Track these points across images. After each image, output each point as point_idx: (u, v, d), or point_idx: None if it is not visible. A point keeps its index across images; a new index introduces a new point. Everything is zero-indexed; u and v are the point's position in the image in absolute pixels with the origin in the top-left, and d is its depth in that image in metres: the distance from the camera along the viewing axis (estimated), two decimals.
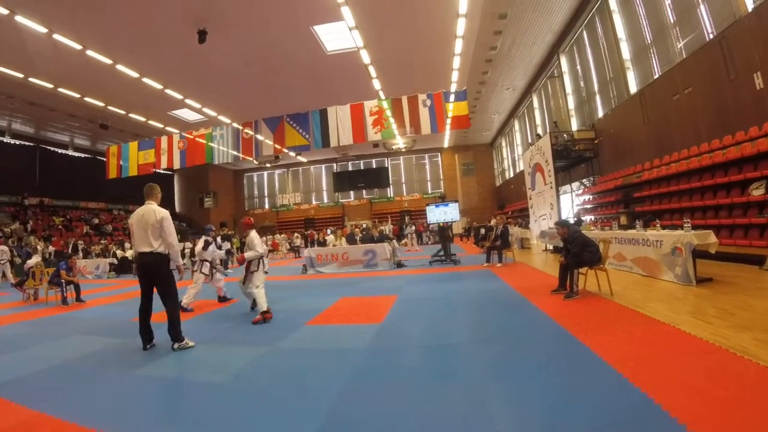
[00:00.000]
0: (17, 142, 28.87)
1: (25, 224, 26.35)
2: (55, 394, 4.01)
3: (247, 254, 6.90)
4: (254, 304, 7.11)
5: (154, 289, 5.36)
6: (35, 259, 12.31)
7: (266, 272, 7.28)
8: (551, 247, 14.49)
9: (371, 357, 4.49)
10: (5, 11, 12.63)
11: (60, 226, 28.85)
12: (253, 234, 7.13)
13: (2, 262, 16.19)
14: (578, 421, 2.63)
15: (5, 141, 28.00)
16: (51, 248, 22.93)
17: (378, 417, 3.01)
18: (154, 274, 5.28)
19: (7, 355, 5.60)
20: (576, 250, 6.61)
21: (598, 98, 18.11)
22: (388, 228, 22.68)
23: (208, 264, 8.74)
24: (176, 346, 5.23)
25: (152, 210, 5.31)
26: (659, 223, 8.36)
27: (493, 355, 4.19)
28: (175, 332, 5.27)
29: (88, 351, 5.56)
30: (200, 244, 8.90)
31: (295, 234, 29.39)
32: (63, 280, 10.35)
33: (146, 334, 5.38)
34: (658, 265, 7.58)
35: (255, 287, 6.78)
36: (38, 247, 21.07)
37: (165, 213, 5.36)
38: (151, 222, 5.24)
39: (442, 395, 3.29)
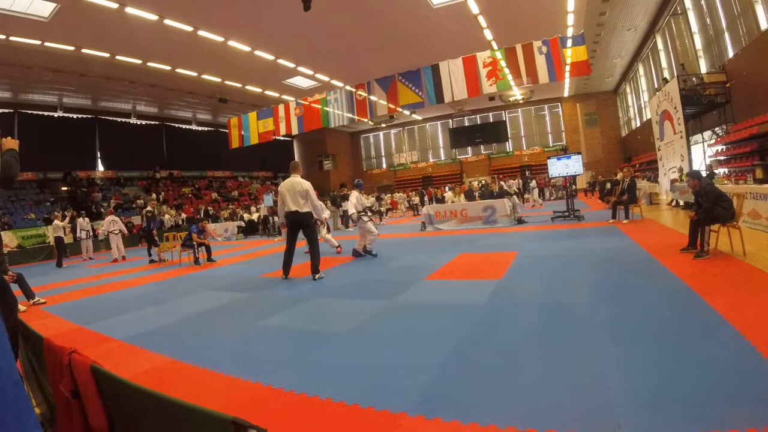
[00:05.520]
0: (143, 122, 33.01)
1: (157, 195, 29.90)
2: (188, 342, 4.60)
3: None
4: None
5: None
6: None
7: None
8: (682, 203, 13.91)
9: (488, 313, 4.65)
10: (114, 5, 14.34)
11: (189, 195, 32.85)
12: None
13: (115, 232, 15.72)
14: (698, 389, 2.57)
15: (132, 122, 32.17)
16: (183, 215, 25.95)
17: (490, 373, 3.12)
18: (303, 226, 7.76)
19: (144, 310, 6.44)
20: (708, 205, 6.40)
21: (726, 36, 16.52)
22: (512, 184, 22.91)
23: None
24: (316, 276, 7.55)
25: (299, 181, 7.69)
26: None
27: (615, 316, 4.13)
28: (314, 268, 7.60)
29: (217, 305, 6.36)
30: (352, 198, 10.01)
31: (413, 192, 30.56)
32: (195, 243, 11.69)
33: (288, 267, 7.83)
34: None
35: None
36: (156, 212, 24.00)
37: (308, 184, 7.74)
38: (299, 190, 7.61)
39: (558, 355, 3.35)
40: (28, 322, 2.64)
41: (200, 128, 37.28)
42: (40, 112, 27.00)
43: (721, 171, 15.17)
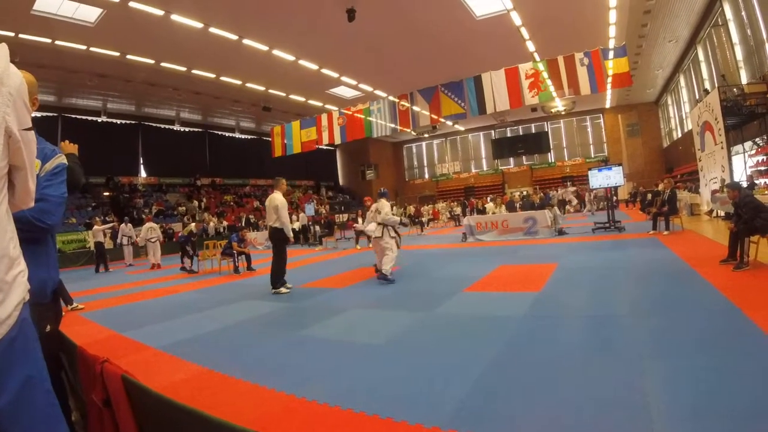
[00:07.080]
0: (187, 129, 34.26)
1: (199, 202, 30.88)
2: (224, 351, 4.67)
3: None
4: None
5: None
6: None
7: None
8: (722, 214, 13.91)
9: (527, 326, 4.70)
10: (160, 12, 14.92)
11: (231, 203, 33.75)
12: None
13: (152, 240, 15.78)
14: (738, 403, 2.57)
15: (175, 129, 33.46)
16: (224, 223, 26.77)
17: (526, 387, 3.16)
18: (273, 239, 8.34)
19: (182, 318, 6.53)
20: (747, 216, 6.42)
21: (767, 47, 16.49)
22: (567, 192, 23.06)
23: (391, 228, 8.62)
24: (273, 291, 7.92)
25: (274, 198, 8.22)
26: None
27: (653, 330, 4.15)
28: (273, 281, 8.02)
29: (256, 314, 6.49)
30: (387, 207, 8.63)
31: (455, 202, 31.11)
32: (234, 251, 11.90)
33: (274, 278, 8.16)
34: None
35: None
36: (199, 225, 24.85)
37: (279, 201, 8.15)
38: (272, 206, 8.16)
39: (596, 369, 3.36)
40: (64, 328, 2.68)
41: (243, 136, 38.60)
42: (84, 117, 27.92)
43: (761, 181, 15.11)
